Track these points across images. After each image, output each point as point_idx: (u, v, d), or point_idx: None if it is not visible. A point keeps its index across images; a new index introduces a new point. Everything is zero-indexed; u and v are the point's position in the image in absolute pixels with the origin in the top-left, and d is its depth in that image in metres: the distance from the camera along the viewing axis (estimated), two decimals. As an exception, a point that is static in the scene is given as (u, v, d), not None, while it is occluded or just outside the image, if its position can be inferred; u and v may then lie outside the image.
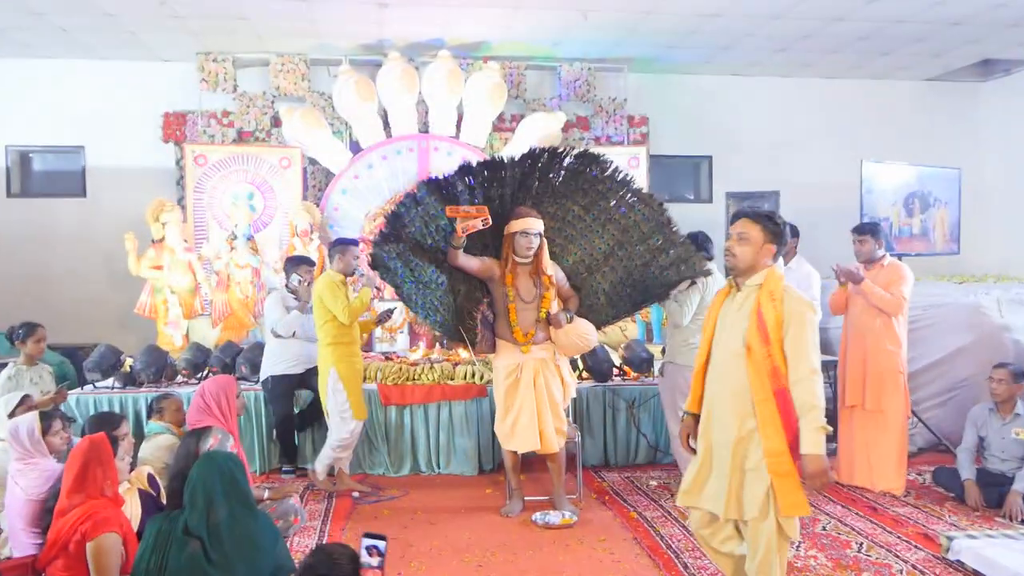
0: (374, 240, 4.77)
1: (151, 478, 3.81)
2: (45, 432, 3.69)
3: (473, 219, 4.47)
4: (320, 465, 5.37)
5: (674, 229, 4.84)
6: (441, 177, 4.70)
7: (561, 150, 4.85)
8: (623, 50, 8.31)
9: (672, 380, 5.09)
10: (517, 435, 4.73)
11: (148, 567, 2.94)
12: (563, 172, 4.90)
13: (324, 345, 5.23)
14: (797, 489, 3.01)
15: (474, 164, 4.77)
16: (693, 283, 4.87)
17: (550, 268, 4.81)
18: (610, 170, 4.89)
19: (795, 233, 5.97)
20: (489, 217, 4.51)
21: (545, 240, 4.79)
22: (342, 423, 5.24)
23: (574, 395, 5.08)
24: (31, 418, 3.69)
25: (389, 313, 5.98)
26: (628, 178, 4.93)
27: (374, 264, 4.67)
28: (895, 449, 5.25)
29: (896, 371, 5.23)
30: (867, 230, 5.47)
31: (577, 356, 5.91)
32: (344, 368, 5.19)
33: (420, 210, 4.64)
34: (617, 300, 4.97)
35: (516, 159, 4.79)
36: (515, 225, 4.67)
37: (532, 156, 4.81)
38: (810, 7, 6.99)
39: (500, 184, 4.79)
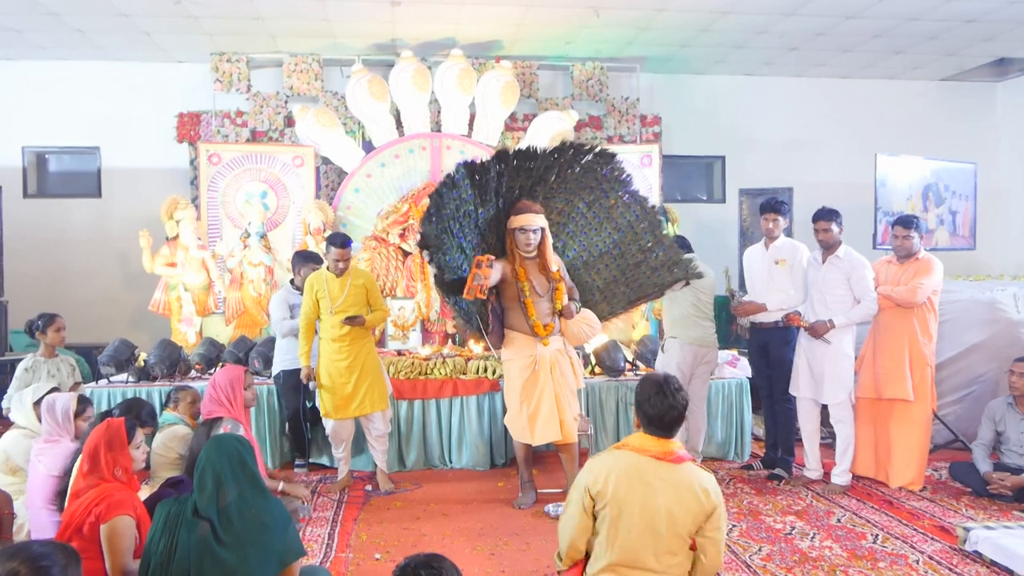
0: (422, 219, 4.82)
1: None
2: (77, 415, 3.81)
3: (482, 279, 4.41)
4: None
5: (663, 231, 5.00)
6: (479, 162, 4.73)
7: (587, 146, 4.90)
8: (635, 49, 8.32)
9: (672, 356, 5.36)
10: (538, 428, 4.69)
11: (159, 549, 2.94)
12: (579, 168, 4.94)
13: None
14: None
15: (511, 152, 4.81)
16: (687, 283, 5.08)
17: (555, 264, 4.81)
18: (617, 170, 4.98)
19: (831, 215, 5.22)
20: (488, 269, 4.42)
21: (549, 235, 4.78)
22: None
23: (583, 385, 5.08)
24: (68, 397, 3.84)
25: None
26: (626, 177, 5.03)
27: (424, 244, 4.72)
28: (918, 442, 5.18)
29: (925, 364, 5.17)
30: (910, 224, 5.20)
31: (586, 347, 6.00)
32: (319, 364, 5.24)
33: (455, 193, 4.66)
34: (611, 297, 5.09)
35: (548, 151, 4.83)
36: (515, 221, 4.68)
37: (561, 151, 4.86)
38: (822, 4, 6.96)
39: (527, 175, 4.82)
